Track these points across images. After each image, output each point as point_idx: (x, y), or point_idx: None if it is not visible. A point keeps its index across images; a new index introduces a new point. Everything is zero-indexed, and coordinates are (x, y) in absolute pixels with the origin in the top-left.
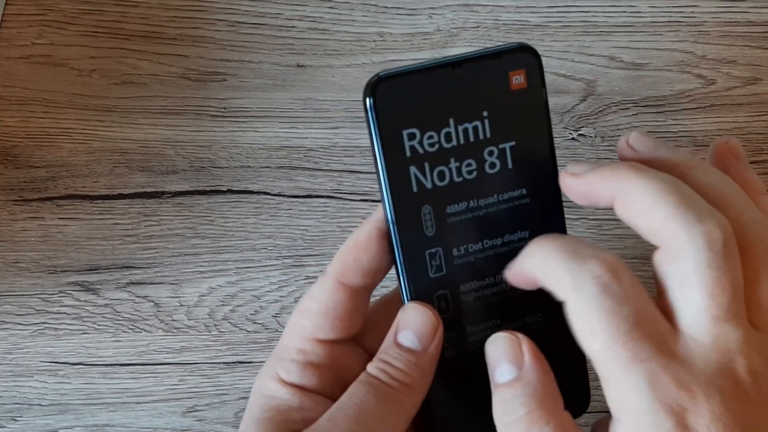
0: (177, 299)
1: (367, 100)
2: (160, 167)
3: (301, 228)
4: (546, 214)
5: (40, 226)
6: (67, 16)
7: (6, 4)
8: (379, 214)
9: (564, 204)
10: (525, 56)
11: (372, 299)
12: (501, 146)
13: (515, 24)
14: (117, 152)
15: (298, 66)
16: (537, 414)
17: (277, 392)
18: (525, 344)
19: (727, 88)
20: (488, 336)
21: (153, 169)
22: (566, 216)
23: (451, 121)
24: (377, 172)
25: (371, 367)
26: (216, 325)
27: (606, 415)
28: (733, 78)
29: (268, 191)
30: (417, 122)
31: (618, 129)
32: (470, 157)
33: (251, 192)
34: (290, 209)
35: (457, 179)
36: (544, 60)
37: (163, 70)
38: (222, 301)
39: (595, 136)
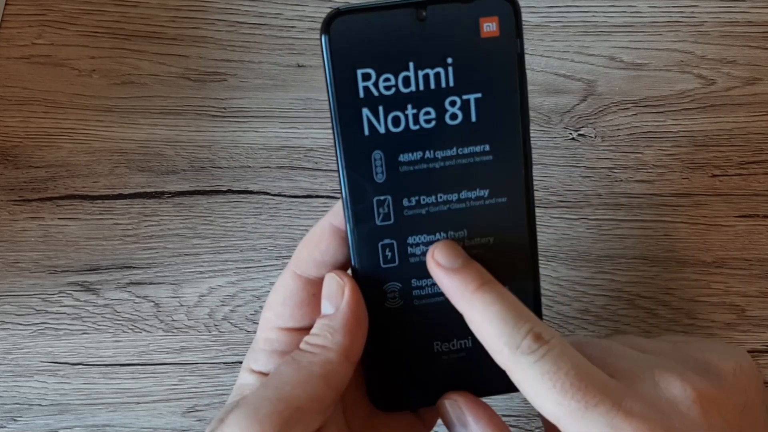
0: (177, 299)
1: (322, 34)
2: (160, 167)
3: (301, 228)
4: (510, 175)
5: (40, 226)
6: (67, 16)
7: (6, 4)
8: (335, 210)
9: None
10: (499, 3)
11: None
12: (465, 97)
13: None
14: (117, 152)
15: (298, 66)
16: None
17: (246, 380)
18: None
19: (727, 88)
20: (435, 292)
21: (153, 169)
22: (566, 216)
23: (411, 65)
24: (330, 112)
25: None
26: (216, 325)
27: None
28: (733, 78)
29: (268, 191)
30: (373, 62)
31: (618, 129)
32: (430, 105)
33: (251, 192)
34: (290, 209)
35: (413, 127)
36: (543, 60)
37: (163, 70)
38: (222, 301)
39: (595, 136)
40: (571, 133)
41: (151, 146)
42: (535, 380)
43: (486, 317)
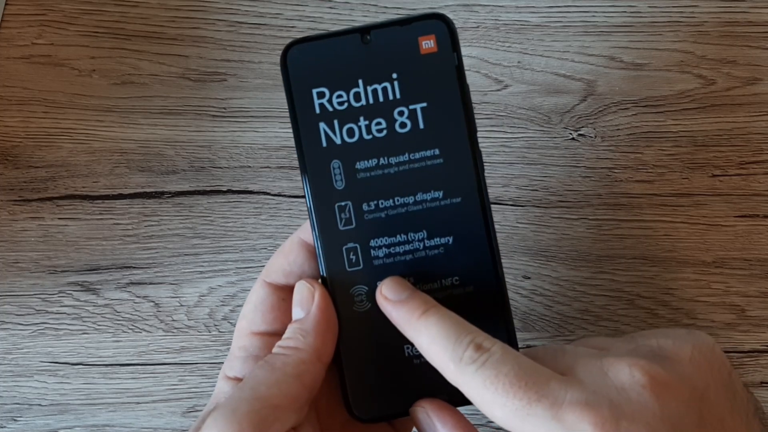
0: (177, 299)
1: (281, 61)
2: (160, 167)
3: None
4: (461, 176)
5: (40, 226)
6: (67, 16)
7: (6, 4)
8: (304, 226)
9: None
10: (435, 23)
11: None
12: (411, 107)
13: (515, 24)
14: (117, 152)
15: None
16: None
17: (222, 388)
18: None
19: (727, 88)
20: None
21: (153, 169)
22: (567, 216)
23: (360, 82)
24: (291, 128)
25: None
26: (216, 325)
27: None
28: (733, 78)
29: (268, 191)
30: (326, 82)
31: (618, 129)
32: (380, 116)
33: (251, 192)
34: (290, 209)
35: (366, 137)
36: (543, 60)
37: (163, 70)
38: (222, 301)
39: (595, 136)
40: (571, 133)
41: (151, 146)
42: (479, 388)
43: (430, 337)
